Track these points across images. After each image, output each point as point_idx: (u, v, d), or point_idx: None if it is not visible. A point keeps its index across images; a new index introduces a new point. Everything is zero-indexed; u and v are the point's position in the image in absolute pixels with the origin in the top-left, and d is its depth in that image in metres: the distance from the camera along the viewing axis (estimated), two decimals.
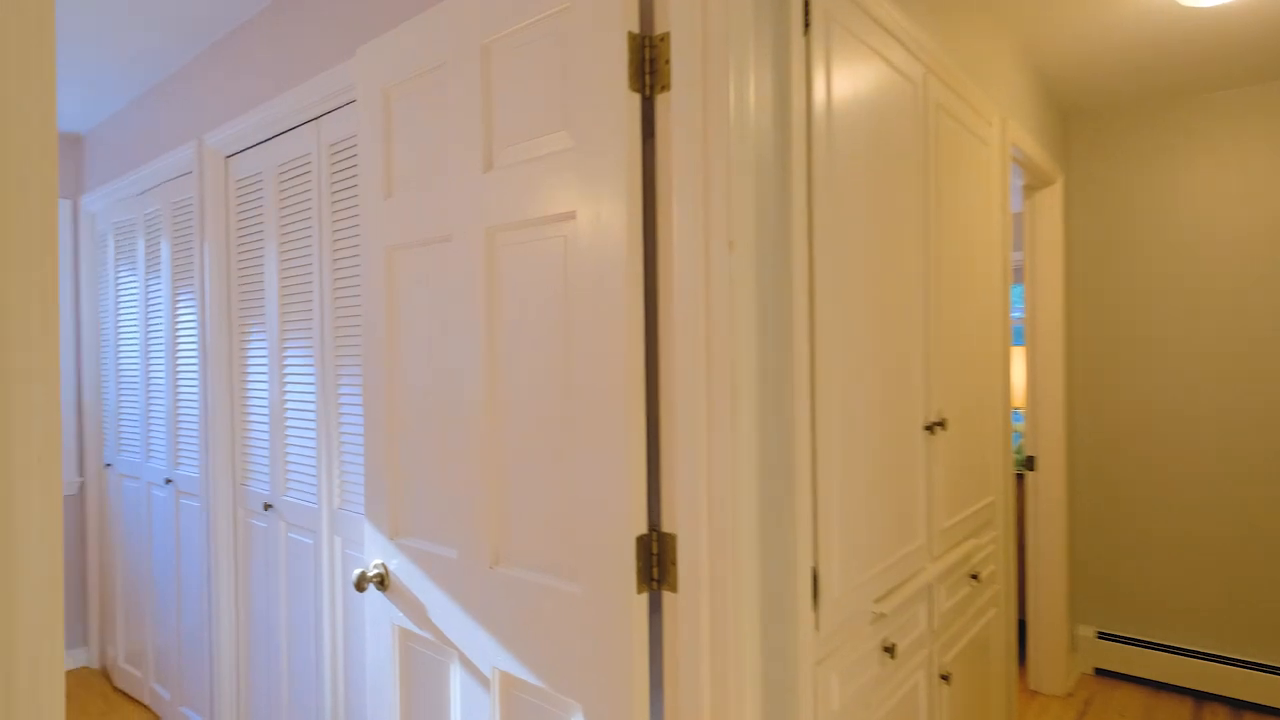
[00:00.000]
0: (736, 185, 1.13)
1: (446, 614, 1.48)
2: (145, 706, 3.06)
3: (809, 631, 1.27)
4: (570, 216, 1.26)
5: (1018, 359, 2.91)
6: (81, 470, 3.47)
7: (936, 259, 1.77)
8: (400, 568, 1.60)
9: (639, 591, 1.17)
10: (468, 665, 1.44)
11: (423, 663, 1.56)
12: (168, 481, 2.87)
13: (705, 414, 1.14)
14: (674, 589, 1.18)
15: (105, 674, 3.38)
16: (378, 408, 1.66)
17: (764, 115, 1.21)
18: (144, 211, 3.01)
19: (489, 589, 1.40)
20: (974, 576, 1.87)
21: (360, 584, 1.60)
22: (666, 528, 1.20)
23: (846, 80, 1.42)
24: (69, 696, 3.17)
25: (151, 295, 2.98)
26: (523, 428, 1.35)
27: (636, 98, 1.19)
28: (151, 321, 2.99)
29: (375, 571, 1.64)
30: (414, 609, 1.57)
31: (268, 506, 2.36)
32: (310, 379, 2.20)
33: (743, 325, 1.14)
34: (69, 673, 3.38)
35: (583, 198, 1.23)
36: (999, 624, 2.11)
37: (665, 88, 1.19)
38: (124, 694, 3.19)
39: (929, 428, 1.66)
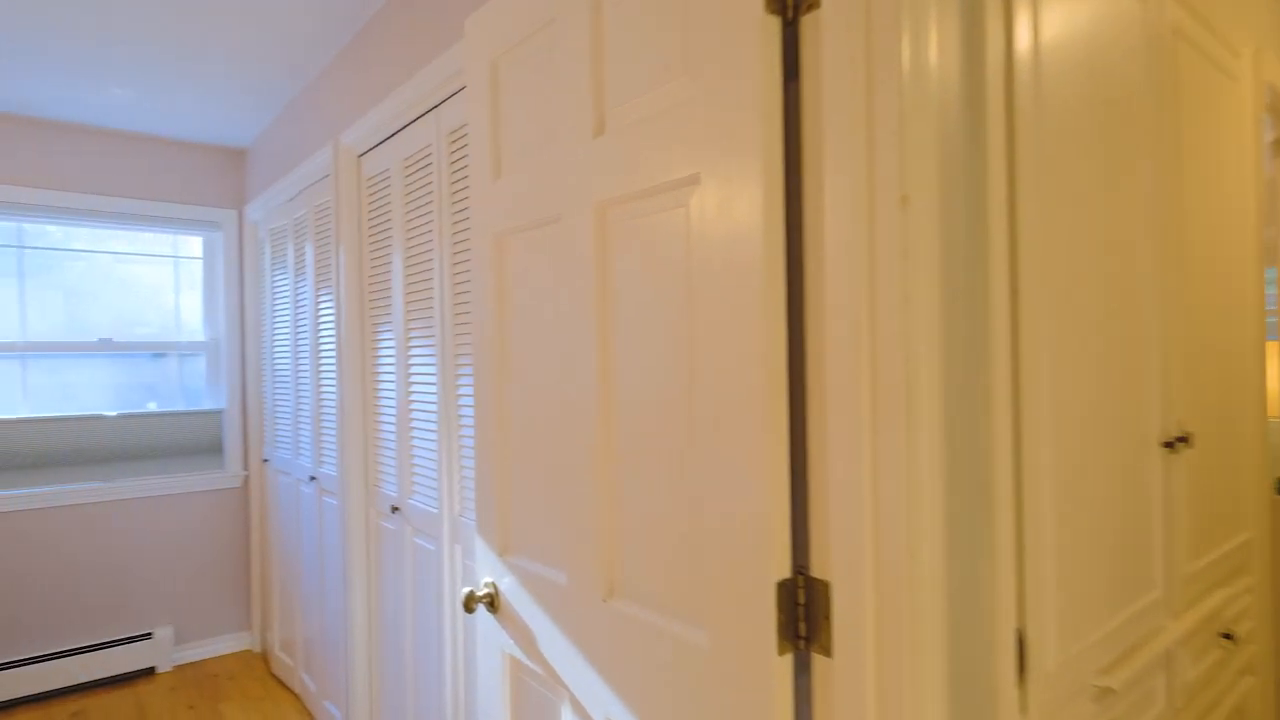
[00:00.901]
0: (912, 126, 0.85)
1: (557, 648, 1.29)
2: (295, 695, 3.16)
3: (1012, 714, 0.96)
4: (692, 181, 1.02)
5: (1274, 358, 2.34)
6: (245, 464, 3.67)
7: (1176, 231, 1.37)
8: (510, 589, 1.43)
9: (780, 652, 0.92)
10: (579, 711, 1.24)
11: (534, 698, 1.39)
12: (312, 479, 2.93)
13: (869, 424, 0.86)
14: (827, 652, 0.91)
15: (265, 658, 3.54)
16: (487, 411, 1.50)
17: (949, 43, 0.91)
18: (293, 217, 3.10)
19: (601, 625, 1.19)
20: (1226, 636, 1.44)
21: (469, 604, 1.45)
22: (817, 571, 0.93)
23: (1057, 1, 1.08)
24: (232, 677, 3.34)
25: (299, 297, 3.07)
26: (638, 438, 1.13)
27: (775, 21, 0.93)
28: (299, 323, 3.07)
29: (485, 591, 1.49)
30: (524, 637, 1.39)
31: (395, 509, 2.31)
32: (432, 378, 2.11)
33: (920, 307, 0.85)
34: (233, 655, 3.58)
35: (708, 155, 0.99)
36: (1259, 695, 1.64)
37: (813, 5, 0.92)
38: (279, 680, 3.32)
39: (1168, 444, 1.27)
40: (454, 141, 1.98)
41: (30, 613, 3.14)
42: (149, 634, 3.37)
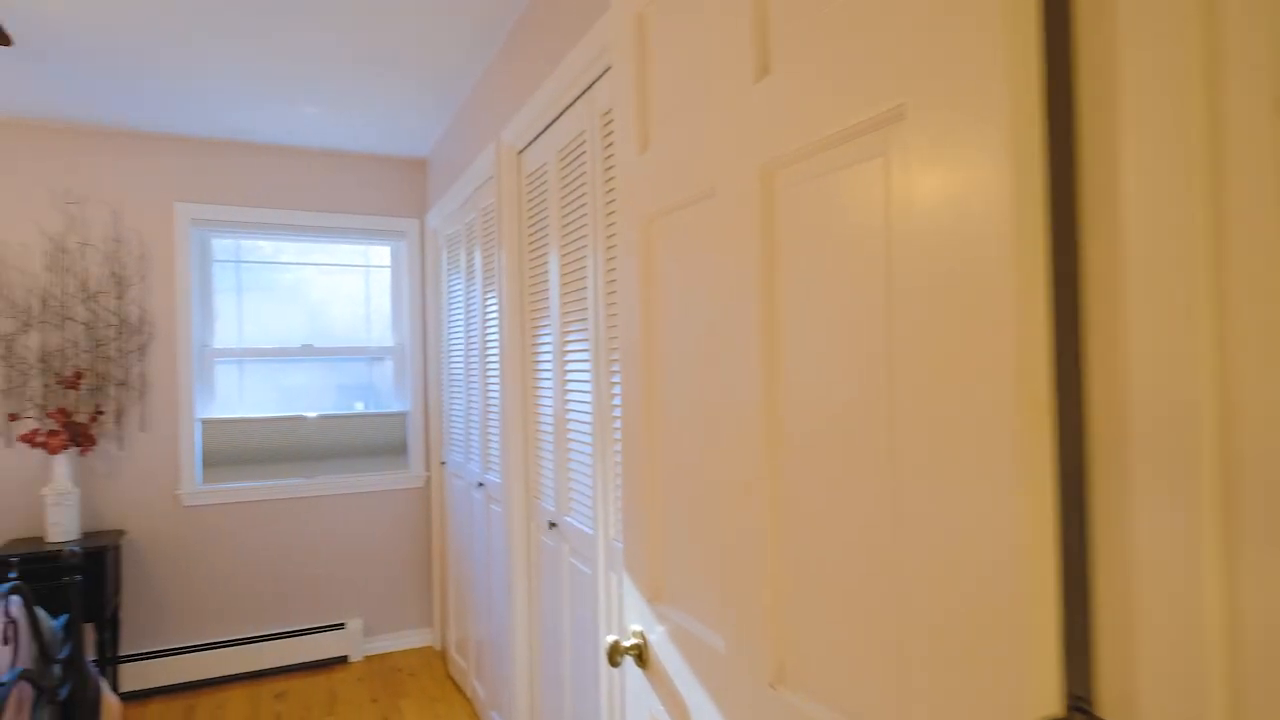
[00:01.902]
0: None
1: None
2: (468, 700, 3.17)
3: None
4: (894, 118, 0.72)
5: None
6: (427, 465, 3.77)
7: None
8: (661, 643, 1.19)
9: None
10: None
11: None
12: (480, 485, 2.90)
13: (1215, 485, 0.52)
14: None
15: (444, 657, 3.62)
16: (633, 428, 1.28)
17: None
18: (464, 221, 3.11)
19: (766, 718, 0.91)
20: None
21: (613, 657, 1.23)
22: (1107, 711, 0.59)
23: None
24: (413, 673, 3.43)
25: (470, 301, 3.06)
26: (814, 476, 0.84)
27: None
28: (470, 327, 3.07)
29: (632, 642, 1.26)
30: (676, 708, 1.14)
31: (553, 525, 2.17)
32: (587, 385, 1.93)
33: None
34: (416, 650, 3.69)
35: (917, 76, 0.68)
36: None
37: None
38: (454, 682, 3.35)
39: None
40: (606, 125, 1.79)
41: (245, 596, 3.42)
42: (342, 624, 3.56)
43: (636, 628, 1.27)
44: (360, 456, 3.67)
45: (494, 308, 2.71)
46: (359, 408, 3.69)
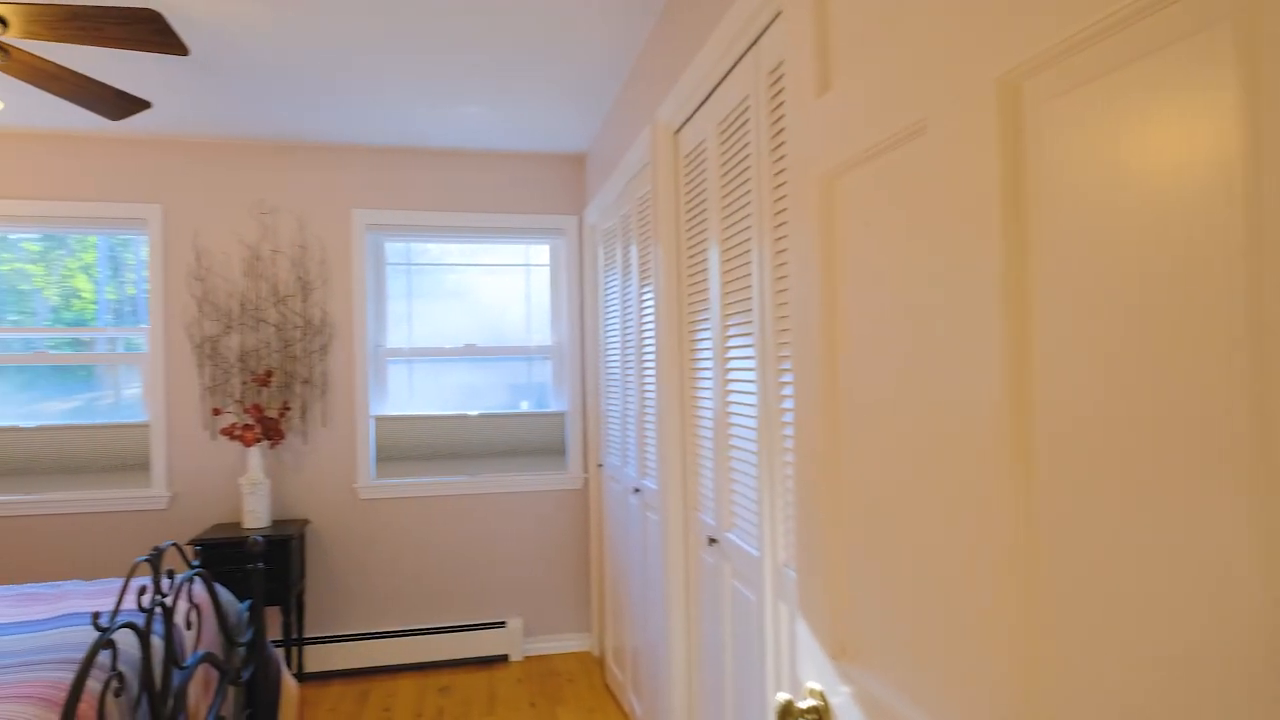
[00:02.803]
0: None
1: None
2: (625, 714, 3.03)
3: None
4: None
5: None
6: (585, 466, 3.70)
7: None
8: (846, 710, 0.94)
9: None
10: None
11: None
12: (636, 490, 2.75)
13: None
14: None
15: (601, 664, 3.52)
16: (811, 436, 1.03)
17: None
18: (620, 214, 2.98)
19: None
20: None
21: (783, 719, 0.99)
22: None
23: None
24: (571, 679, 3.36)
25: (626, 298, 2.93)
26: (1094, 502, 0.56)
27: None
28: (626, 324, 2.94)
29: (810, 704, 1.02)
30: None
31: (713, 541, 1.95)
32: (751, 386, 1.70)
33: None
34: (574, 655, 3.63)
35: None
36: None
37: None
38: (611, 693, 3.24)
39: None
40: (774, 83, 1.55)
41: (414, 588, 3.51)
42: (503, 623, 3.57)
43: (814, 686, 1.02)
44: (520, 456, 3.67)
45: (650, 303, 2.55)
46: (524, 406, 3.69)
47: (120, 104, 2.22)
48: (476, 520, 3.58)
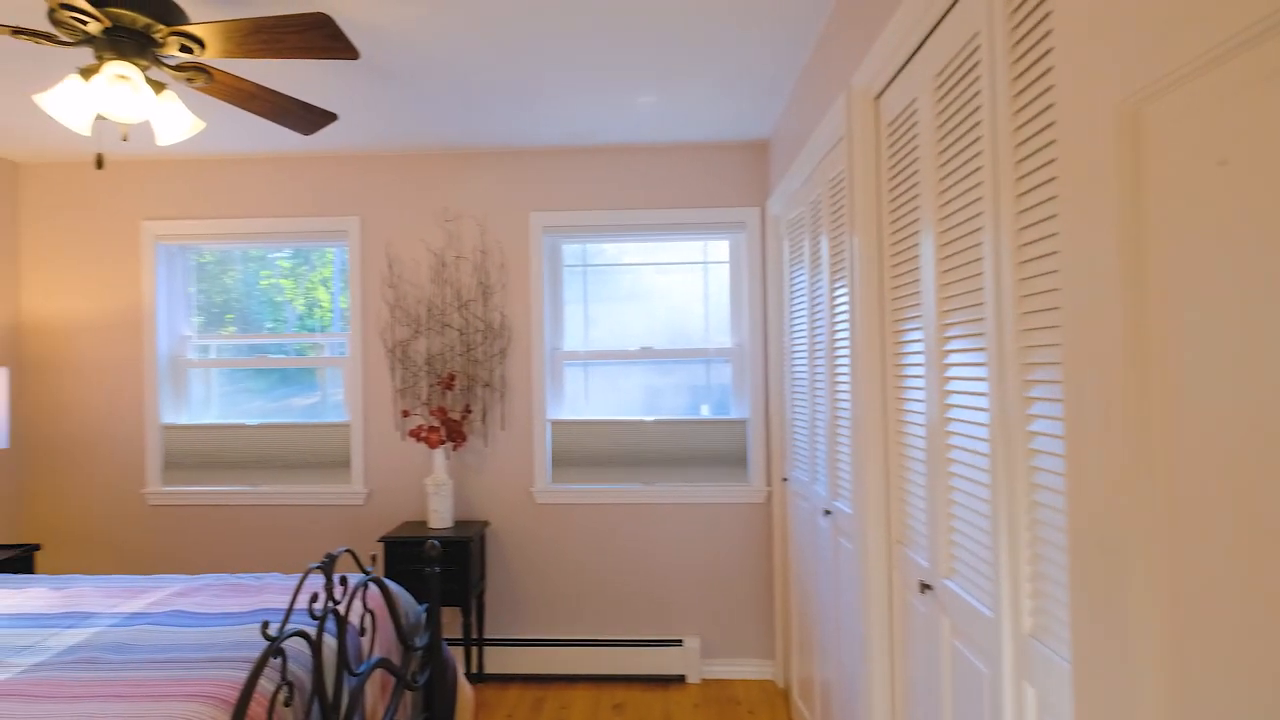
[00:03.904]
0: None
1: None
2: None
3: None
4: None
5: None
6: (768, 479, 3.41)
7: None
8: None
9: None
10: None
11: None
12: (826, 512, 2.42)
13: None
14: None
15: (786, 697, 3.21)
16: (1096, 470, 0.70)
17: None
18: (808, 201, 2.67)
19: None
20: None
21: None
22: None
23: None
24: (752, 710, 3.09)
25: (815, 294, 2.61)
26: None
27: None
28: (815, 324, 2.62)
29: None
30: None
31: (925, 587, 1.60)
32: (982, 399, 1.34)
33: None
34: (756, 682, 3.35)
35: None
36: None
37: None
38: None
39: None
40: (1017, 7, 1.19)
41: (588, 597, 3.42)
42: (679, 641, 3.37)
43: None
44: (698, 465, 3.46)
45: (844, 301, 2.22)
46: (704, 412, 3.48)
47: (310, 118, 2.29)
48: (652, 530, 3.42)
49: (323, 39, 1.79)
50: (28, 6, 2.05)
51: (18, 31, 1.76)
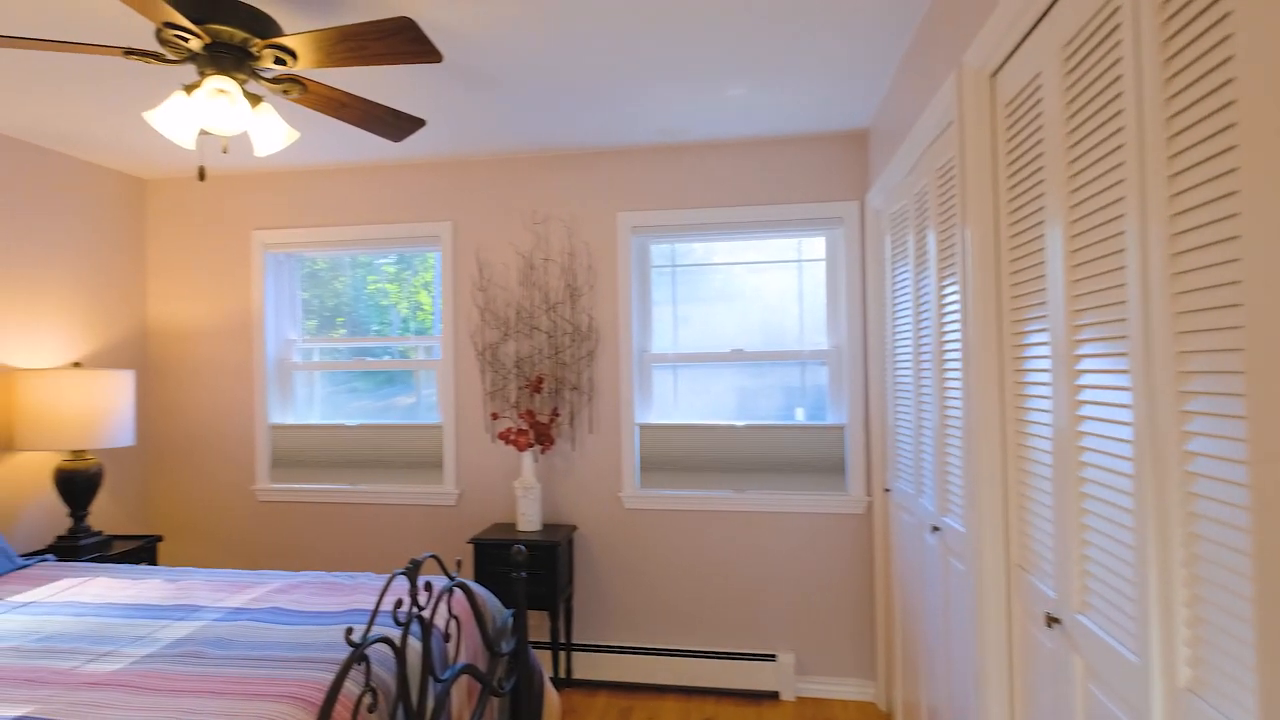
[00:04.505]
0: None
1: None
2: None
3: None
4: None
5: None
6: (868, 489, 3.22)
7: None
8: None
9: None
10: None
11: None
12: (934, 529, 2.23)
13: None
14: None
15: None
16: None
17: None
18: (912, 192, 2.48)
19: None
20: None
21: None
22: None
23: None
24: None
25: (921, 292, 2.42)
26: None
27: None
28: (921, 324, 2.43)
29: None
30: None
31: (1053, 620, 1.42)
32: (1124, 410, 1.16)
33: None
34: (855, 704, 3.16)
35: None
36: None
37: None
38: None
39: None
40: None
41: (678, 605, 3.33)
42: (773, 656, 3.23)
43: None
44: (792, 472, 3.30)
45: (954, 299, 2.04)
46: (799, 416, 3.33)
47: (399, 124, 2.31)
48: (744, 539, 3.30)
49: (407, 43, 1.78)
50: (138, 28, 2.16)
51: (129, 52, 1.84)
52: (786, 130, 3.19)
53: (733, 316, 3.41)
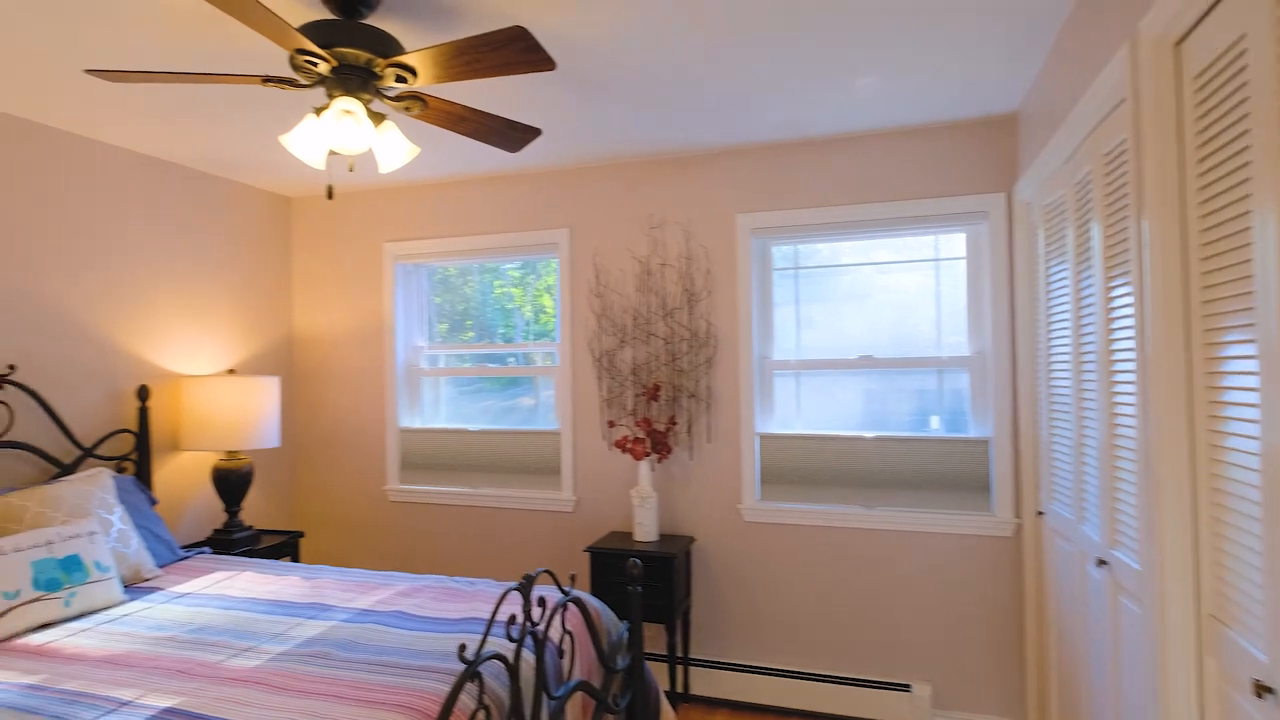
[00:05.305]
0: None
1: None
2: None
3: None
4: None
5: None
6: (1017, 510, 2.92)
7: None
8: None
9: None
10: None
11: None
12: (1101, 563, 1.96)
13: None
14: None
15: None
16: None
17: None
18: (1072, 181, 2.21)
19: None
20: None
21: None
22: None
23: None
24: None
25: (1083, 293, 2.15)
26: None
27: None
28: (1082, 329, 2.16)
29: None
30: None
31: (1264, 690, 1.18)
32: None
33: None
34: None
35: None
36: None
37: None
38: None
39: None
40: None
41: (801, 625, 3.16)
42: (906, 686, 2.99)
43: None
44: (928, 489, 3.05)
45: (1125, 300, 1.78)
46: (934, 424, 3.08)
47: (516, 135, 2.31)
48: (874, 559, 3.08)
49: (520, 52, 1.76)
50: (274, 56, 2.28)
51: (267, 80, 1.93)
52: (921, 119, 2.95)
53: (861, 320, 3.20)
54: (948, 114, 2.90)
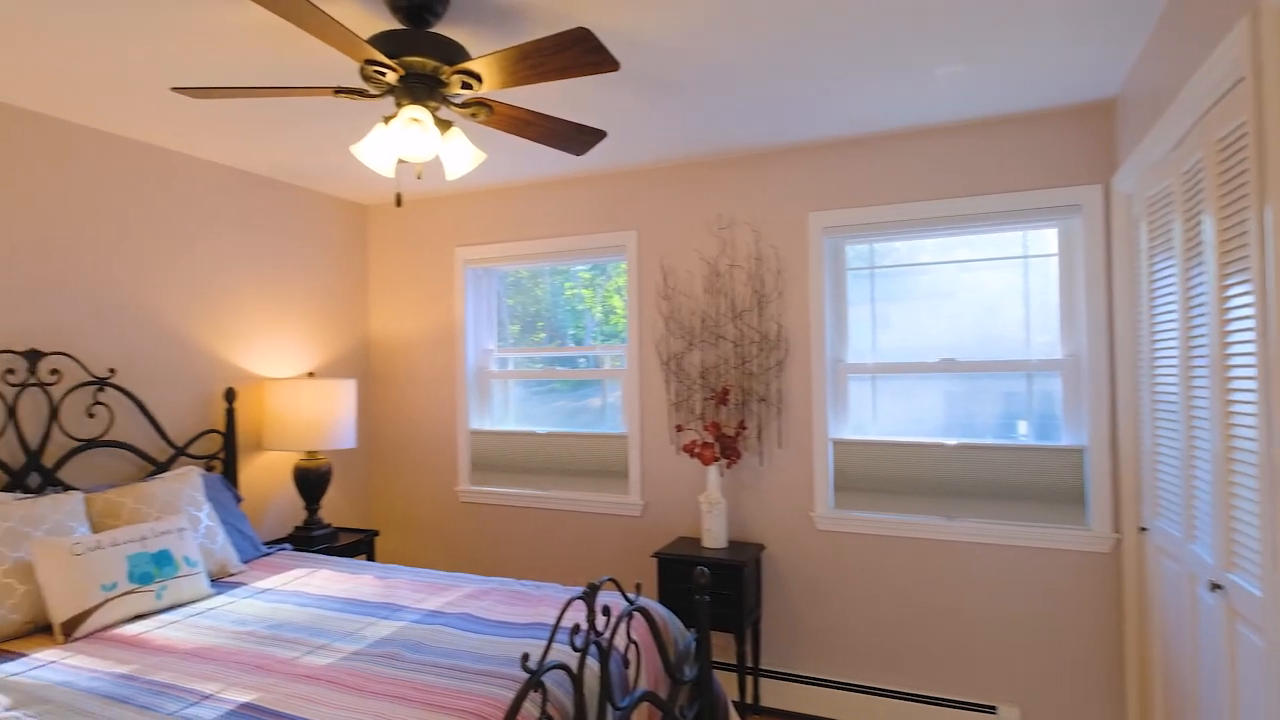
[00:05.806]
0: None
1: None
2: None
3: None
4: None
5: None
6: (1116, 525, 2.71)
7: None
8: None
9: None
10: None
11: None
12: (1215, 586, 1.79)
13: None
14: None
15: None
16: None
17: None
18: (1180, 170, 2.03)
19: None
20: None
21: None
22: None
23: None
24: None
25: (1192, 291, 1.97)
26: None
27: None
28: (1192, 330, 1.98)
29: None
30: None
31: None
32: None
33: None
34: None
35: None
36: None
37: None
38: None
39: None
40: None
41: (876, 639, 3.03)
42: (993, 708, 2.83)
43: None
44: (1016, 500, 2.87)
45: (1243, 299, 1.61)
46: (1022, 430, 2.90)
47: (581, 138, 2.29)
48: (955, 572, 2.92)
49: (584, 54, 1.73)
50: (345, 67, 2.33)
51: (339, 91, 1.96)
52: (1007, 108, 2.78)
53: (941, 321, 3.04)
54: (1036, 102, 2.72)
